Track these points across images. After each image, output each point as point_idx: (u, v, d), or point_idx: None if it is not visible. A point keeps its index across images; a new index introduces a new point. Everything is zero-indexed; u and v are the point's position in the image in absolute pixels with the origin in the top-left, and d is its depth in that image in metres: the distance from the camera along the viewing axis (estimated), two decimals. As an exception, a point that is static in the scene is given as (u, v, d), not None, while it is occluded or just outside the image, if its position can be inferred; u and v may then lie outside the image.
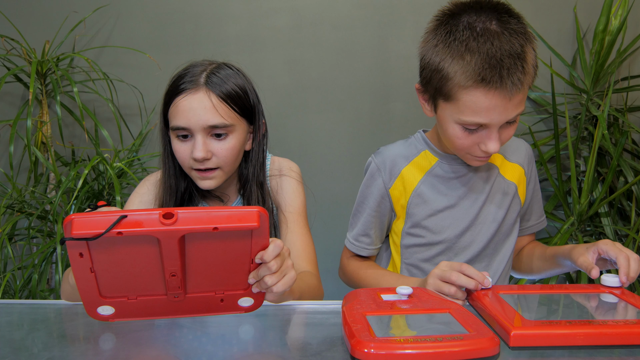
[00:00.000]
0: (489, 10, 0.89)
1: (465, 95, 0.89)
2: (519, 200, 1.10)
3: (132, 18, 1.96)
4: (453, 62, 0.89)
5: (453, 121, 0.93)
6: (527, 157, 1.12)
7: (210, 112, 0.96)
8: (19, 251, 1.91)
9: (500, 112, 0.89)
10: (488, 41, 0.86)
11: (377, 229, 1.10)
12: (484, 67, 0.86)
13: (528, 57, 0.89)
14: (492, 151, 0.93)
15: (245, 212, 0.62)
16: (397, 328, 0.69)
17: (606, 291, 0.83)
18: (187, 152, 0.99)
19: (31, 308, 0.87)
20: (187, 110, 0.96)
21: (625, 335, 0.66)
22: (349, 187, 1.90)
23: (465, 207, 1.05)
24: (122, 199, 1.66)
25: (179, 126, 0.97)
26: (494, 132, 0.91)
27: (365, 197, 1.10)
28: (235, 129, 0.99)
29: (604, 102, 1.71)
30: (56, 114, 1.75)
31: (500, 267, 1.08)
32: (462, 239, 1.05)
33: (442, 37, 0.91)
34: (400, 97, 1.95)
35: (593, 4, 1.88)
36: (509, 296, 0.82)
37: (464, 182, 1.06)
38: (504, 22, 0.88)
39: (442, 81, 0.91)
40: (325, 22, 1.94)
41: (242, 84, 1.01)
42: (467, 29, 0.88)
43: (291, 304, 0.87)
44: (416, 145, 1.09)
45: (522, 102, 0.91)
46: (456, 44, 0.88)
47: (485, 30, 0.87)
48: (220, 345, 0.71)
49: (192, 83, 0.97)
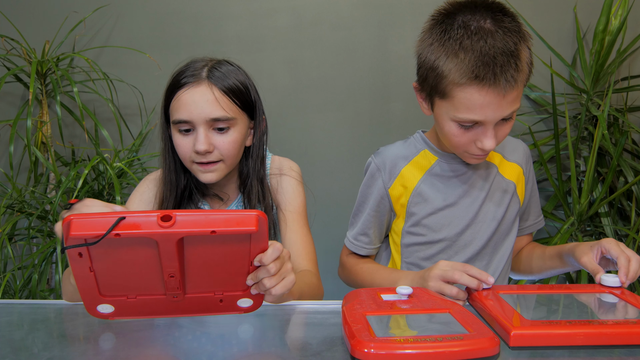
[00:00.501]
0: (484, 9, 0.91)
1: (459, 92, 0.90)
2: (517, 199, 1.10)
3: (132, 18, 1.96)
4: (448, 60, 0.90)
5: (449, 119, 0.94)
6: (525, 156, 1.13)
7: (213, 105, 0.97)
8: (19, 251, 1.91)
9: (495, 109, 0.90)
10: (482, 39, 0.88)
11: (376, 229, 1.10)
12: (478, 65, 0.87)
13: (522, 55, 0.90)
14: (488, 148, 0.94)
15: (243, 216, 0.62)
16: (397, 328, 0.69)
17: (606, 291, 0.83)
18: (189, 145, 0.99)
19: (31, 308, 0.87)
20: (190, 104, 0.97)
21: (625, 335, 0.66)
22: (349, 187, 1.90)
23: (465, 205, 1.06)
24: (122, 199, 1.66)
25: (181, 119, 0.98)
26: (490, 129, 0.93)
27: (365, 197, 1.11)
28: (237, 122, 1.00)
29: (604, 102, 1.71)
30: (56, 114, 1.75)
31: (500, 266, 1.08)
32: (462, 237, 1.06)
33: (437, 35, 0.92)
34: (400, 97, 1.95)
35: (593, 4, 1.88)
36: (509, 296, 0.82)
37: (464, 180, 1.07)
38: (498, 20, 0.89)
39: (438, 79, 0.92)
40: (325, 22, 1.94)
41: (243, 79, 1.02)
42: (461, 28, 0.90)
43: (291, 303, 0.87)
44: (415, 145, 1.11)
45: (516, 100, 0.92)
46: (450, 43, 0.90)
47: (479, 28, 0.89)
48: (220, 345, 0.71)
49: (194, 77, 0.98)
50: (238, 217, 0.61)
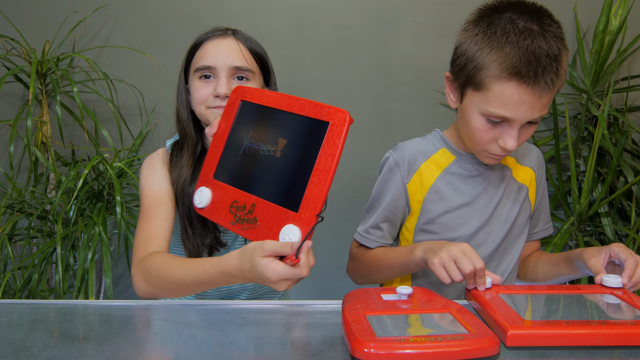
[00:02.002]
0: (532, 12, 0.93)
1: (497, 85, 0.91)
2: (529, 203, 1.11)
3: (132, 18, 1.96)
4: (492, 52, 0.91)
5: (478, 112, 0.95)
6: (538, 161, 1.14)
7: (237, 55, 1.03)
8: (19, 251, 1.91)
9: (527, 109, 0.90)
10: (529, 38, 0.89)
11: (390, 224, 1.09)
12: (522, 61, 0.88)
13: (563, 62, 0.91)
14: (510, 148, 0.94)
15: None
16: (397, 328, 0.69)
17: (607, 292, 0.83)
18: (209, 90, 1.02)
19: (31, 308, 0.87)
20: (216, 51, 1.02)
21: (623, 335, 0.66)
22: (349, 187, 1.90)
23: (480, 205, 1.06)
24: (122, 199, 1.66)
25: (206, 65, 1.02)
26: (516, 128, 0.93)
27: (382, 191, 1.10)
28: (255, 77, 1.05)
29: (604, 102, 1.71)
30: (56, 114, 1.75)
31: (508, 268, 1.08)
32: (476, 237, 1.06)
33: (484, 27, 0.93)
34: (400, 97, 1.95)
35: (593, 4, 1.88)
36: (509, 296, 0.82)
37: (480, 180, 1.07)
38: (545, 24, 0.91)
39: (476, 70, 0.93)
40: (325, 22, 1.94)
41: (261, 46, 1.10)
42: (509, 23, 0.91)
43: (291, 304, 0.88)
44: (434, 142, 1.10)
45: (548, 105, 0.93)
46: (497, 36, 0.91)
47: (526, 28, 0.90)
48: (220, 345, 0.71)
49: (220, 32, 1.06)
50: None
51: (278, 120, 0.79)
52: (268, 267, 0.70)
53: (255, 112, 0.83)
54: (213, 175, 0.84)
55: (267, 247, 0.70)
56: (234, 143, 0.84)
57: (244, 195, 0.79)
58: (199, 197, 0.84)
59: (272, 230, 0.74)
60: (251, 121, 0.83)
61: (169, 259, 0.87)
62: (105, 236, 1.63)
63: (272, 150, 0.78)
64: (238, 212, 0.79)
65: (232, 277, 0.76)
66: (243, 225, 0.78)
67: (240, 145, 0.83)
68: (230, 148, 0.84)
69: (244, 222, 0.78)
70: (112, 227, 1.95)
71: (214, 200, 0.83)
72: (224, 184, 0.82)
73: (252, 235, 0.76)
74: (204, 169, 0.86)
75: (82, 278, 1.61)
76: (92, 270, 1.61)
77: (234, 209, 0.80)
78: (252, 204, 0.78)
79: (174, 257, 0.87)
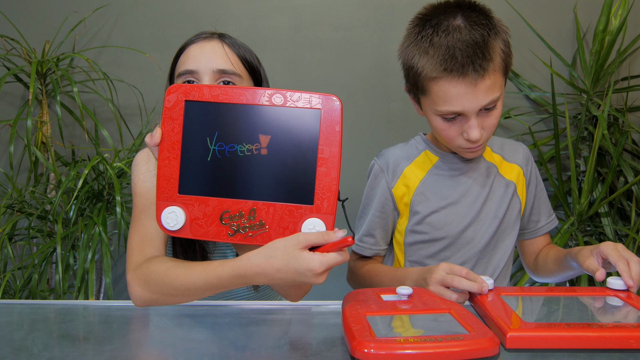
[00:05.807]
0: (454, 8, 0.97)
1: (434, 86, 0.95)
2: (518, 200, 1.12)
3: (132, 18, 1.96)
4: (421, 57, 0.96)
5: (433, 113, 0.99)
6: (524, 158, 1.15)
7: (222, 57, 0.95)
8: (19, 251, 1.91)
9: (470, 99, 0.93)
10: (449, 35, 0.93)
11: (382, 230, 1.11)
12: (445, 58, 0.92)
13: (491, 45, 0.93)
14: (474, 138, 0.96)
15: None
16: (397, 328, 0.68)
17: (611, 294, 0.82)
18: None
19: (31, 308, 0.87)
20: (198, 55, 0.95)
21: (623, 339, 0.65)
22: (349, 187, 1.89)
23: (467, 203, 1.08)
24: (122, 199, 1.66)
25: (188, 69, 0.94)
26: (472, 119, 0.96)
27: (370, 198, 1.13)
28: (243, 82, 0.97)
29: (604, 102, 1.71)
30: (56, 114, 1.75)
31: (500, 264, 1.09)
32: (464, 234, 1.07)
33: (413, 37, 0.99)
34: (400, 97, 1.95)
35: (593, 4, 1.88)
36: (511, 297, 0.81)
37: (465, 179, 1.09)
38: (466, 16, 0.95)
39: (416, 77, 0.98)
40: (325, 22, 1.94)
41: (252, 52, 1.02)
42: (432, 27, 0.96)
43: (291, 304, 0.88)
44: (417, 146, 1.14)
45: (492, 88, 0.94)
46: (422, 41, 0.96)
47: (448, 26, 0.94)
48: (220, 345, 0.71)
49: (206, 35, 0.98)
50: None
51: (250, 117, 0.72)
52: (312, 259, 0.68)
53: (212, 112, 0.73)
54: (177, 190, 0.75)
55: (304, 238, 0.69)
56: (194, 150, 0.74)
57: (236, 203, 0.73)
58: (172, 218, 0.74)
59: (287, 229, 0.72)
60: (210, 122, 0.73)
61: (172, 263, 0.80)
62: (105, 236, 1.63)
63: (255, 148, 0.73)
64: (235, 222, 0.74)
65: (248, 279, 0.73)
66: (247, 233, 0.73)
67: (204, 151, 0.73)
68: (190, 157, 0.74)
69: (248, 229, 0.74)
70: (112, 227, 1.95)
71: (192, 218, 0.74)
72: (201, 197, 0.74)
73: (262, 240, 0.73)
74: (161, 186, 0.75)
75: (82, 278, 1.61)
76: (92, 271, 1.61)
77: (227, 220, 0.74)
78: (250, 209, 0.73)
79: (177, 261, 0.80)
